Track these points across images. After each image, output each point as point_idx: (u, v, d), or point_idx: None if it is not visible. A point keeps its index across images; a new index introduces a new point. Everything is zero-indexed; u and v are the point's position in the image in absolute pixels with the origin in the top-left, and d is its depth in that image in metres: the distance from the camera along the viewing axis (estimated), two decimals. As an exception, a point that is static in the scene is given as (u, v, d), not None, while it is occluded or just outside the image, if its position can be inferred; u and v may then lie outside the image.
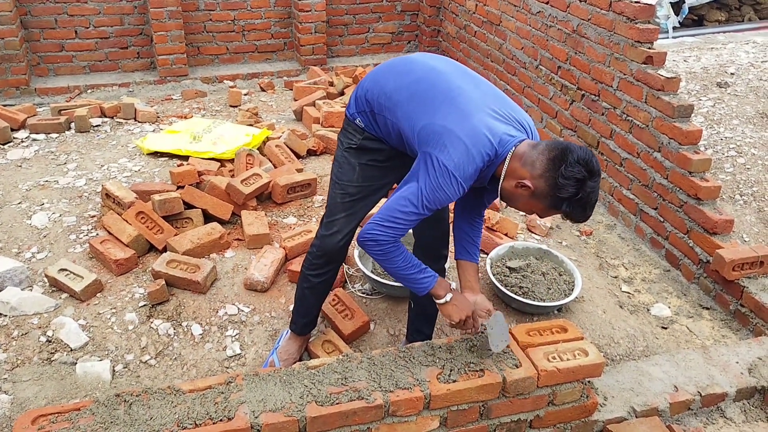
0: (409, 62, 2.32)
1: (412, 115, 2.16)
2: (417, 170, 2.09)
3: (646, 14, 3.68)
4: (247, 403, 2.05)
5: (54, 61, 5.73)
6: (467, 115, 2.07)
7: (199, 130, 4.46)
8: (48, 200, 3.75)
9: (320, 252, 2.54)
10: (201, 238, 3.30)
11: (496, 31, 5.28)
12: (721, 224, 3.30)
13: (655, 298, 3.37)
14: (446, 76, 2.20)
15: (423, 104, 2.14)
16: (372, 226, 2.13)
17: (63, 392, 2.59)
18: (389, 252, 2.16)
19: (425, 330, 2.82)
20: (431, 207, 2.08)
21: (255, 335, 2.91)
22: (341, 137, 2.47)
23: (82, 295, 2.99)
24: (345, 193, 2.44)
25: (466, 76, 2.26)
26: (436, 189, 2.04)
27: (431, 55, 2.38)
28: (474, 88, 2.19)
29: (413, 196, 2.07)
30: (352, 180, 2.42)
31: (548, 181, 1.97)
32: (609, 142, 4.01)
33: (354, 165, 2.41)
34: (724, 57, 5.28)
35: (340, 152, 2.46)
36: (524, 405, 2.34)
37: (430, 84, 2.18)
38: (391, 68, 2.34)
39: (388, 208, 2.12)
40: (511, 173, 2.07)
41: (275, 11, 6.20)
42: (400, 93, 2.22)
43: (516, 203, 2.16)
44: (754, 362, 2.80)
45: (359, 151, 2.40)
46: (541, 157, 1.99)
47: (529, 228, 3.79)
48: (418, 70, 2.25)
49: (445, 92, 2.14)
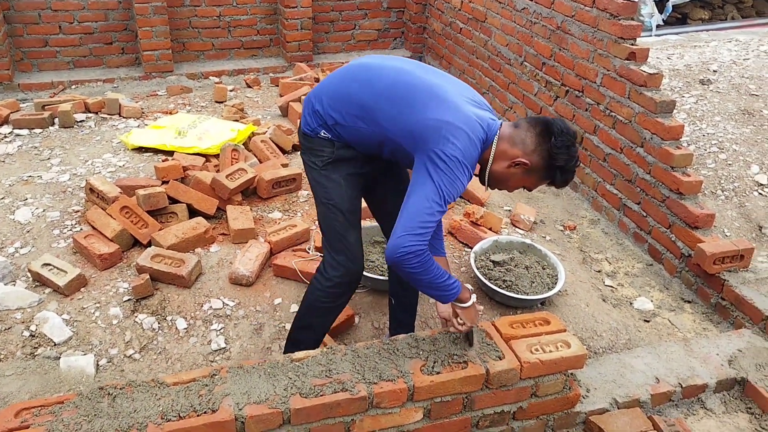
0: (368, 69, 2.27)
1: (399, 118, 2.14)
2: (425, 170, 2.06)
3: (629, 11, 3.71)
4: (232, 396, 2.06)
5: (37, 57, 5.68)
6: (457, 106, 2.12)
7: (185, 126, 4.45)
8: (31, 195, 3.72)
9: (345, 279, 2.45)
10: (186, 233, 3.30)
11: (482, 27, 5.30)
12: (703, 219, 3.34)
13: (637, 292, 3.41)
14: (417, 75, 2.22)
15: (409, 105, 2.13)
16: (404, 238, 2.02)
17: (46, 387, 2.58)
18: (426, 262, 2.07)
19: (408, 322, 2.84)
20: (450, 201, 2.09)
21: (240, 329, 2.92)
22: (310, 158, 2.37)
23: (65, 290, 2.98)
24: (341, 211, 2.37)
25: (432, 72, 2.28)
26: (454, 181, 2.05)
27: (385, 57, 2.39)
28: (445, 81, 2.24)
29: (434, 195, 2.03)
30: (342, 196, 2.36)
31: (542, 153, 2.11)
32: (593, 138, 4.04)
33: (338, 181, 2.34)
34: (707, 55, 5.33)
35: (317, 173, 2.36)
36: (507, 396, 2.36)
37: (408, 84, 2.17)
38: (351, 78, 2.27)
39: (413, 216, 2.03)
40: (500, 155, 2.16)
41: (261, 7, 6.18)
42: (377, 100, 2.18)
43: (507, 183, 2.24)
44: (734, 354, 2.84)
45: (336, 163, 2.33)
46: (530, 134, 2.13)
47: (513, 222, 3.82)
48: (386, 75, 2.22)
49: (427, 89, 2.16)
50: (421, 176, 2.06)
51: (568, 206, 4.16)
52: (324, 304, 2.51)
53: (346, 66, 2.37)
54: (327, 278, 2.46)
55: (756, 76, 4.79)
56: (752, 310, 3.04)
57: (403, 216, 2.05)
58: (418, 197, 2.04)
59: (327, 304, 2.51)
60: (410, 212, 2.04)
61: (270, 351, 2.83)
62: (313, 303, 2.53)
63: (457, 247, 3.55)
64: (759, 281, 3.19)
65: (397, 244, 2.02)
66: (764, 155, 4.02)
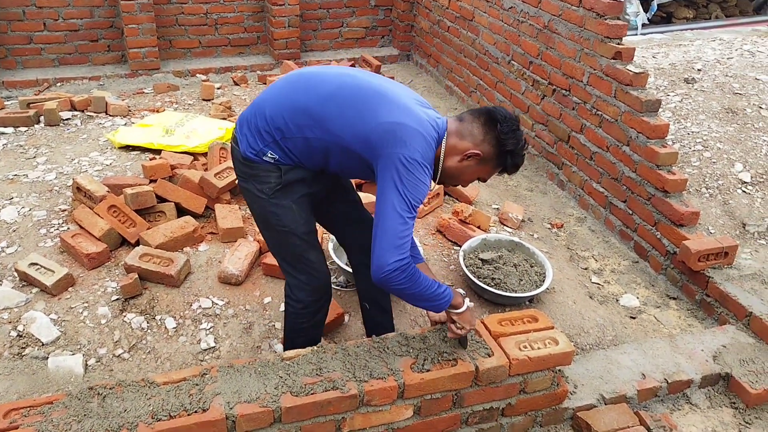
0: (309, 77, 2.22)
1: (352, 122, 2.10)
2: (388, 177, 2.03)
3: (615, 10, 3.74)
4: (222, 395, 2.06)
5: (22, 54, 5.63)
6: (408, 107, 2.13)
7: (172, 124, 4.43)
8: (17, 194, 3.69)
9: (315, 297, 2.43)
10: (174, 232, 3.29)
11: (469, 26, 5.32)
12: (688, 216, 3.38)
13: (623, 289, 3.45)
14: (361, 77, 2.21)
15: (359, 109, 2.10)
16: (385, 257, 2.00)
17: (34, 387, 2.56)
18: (413, 275, 2.06)
19: (388, 323, 2.81)
20: (418, 205, 2.08)
21: (229, 328, 2.91)
22: (255, 186, 2.25)
23: (53, 290, 2.96)
24: (297, 235, 2.30)
25: (374, 76, 2.27)
26: (417, 184, 2.04)
27: (323, 66, 2.37)
28: (390, 83, 2.24)
29: (402, 205, 2.01)
30: (297, 220, 2.28)
31: (491, 141, 2.15)
32: (579, 136, 4.08)
33: (289, 206, 2.26)
34: (691, 54, 5.39)
35: (265, 202, 2.25)
36: (496, 393, 2.38)
37: (354, 88, 2.15)
38: (292, 88, 2.20)
39: (388, 232, 2.01)
40: (451, 151, 2.19)
41: (248, 5, 6.16)
42: (325, 106, 2.12)
43: (462, 177, 2.25)
44: (719, 350, 2.88)
45: (286, 188, 2.24)
46: (475, 125, 2.17)
47: (501, 220, 3.84)
48: (329, 80, 2.19)
49: (373, 92, 2.14)
50: (386, 188, 2.03)
51: (556, 204, 4.19)
52: (304, 324, 2.50)
53: (282, 79, 2.28)
54: (297, 300, 2.44)
55: (739, 75, 4.85)
56: (736, 307, 3.08)
57: (378, 234, 2.03)
58: (388, 212, 2.02)
59: (306, 323, 2.50)
60: (384, 229, 2.02)
61: (260, 350, 2.83)
62: (293, 326, 2.52)
63: (446, 246, 3.57)
64: (743, 278, 3.24)
65: (381, 264, 2.01)
66: (747, 153, 4.07)
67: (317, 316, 2.51)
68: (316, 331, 2.56)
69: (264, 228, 2.38)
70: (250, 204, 2.35)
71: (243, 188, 2.33)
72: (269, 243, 2.43)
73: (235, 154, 2.29)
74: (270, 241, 2.41)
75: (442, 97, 5.76)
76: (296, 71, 2.31)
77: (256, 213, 2.35)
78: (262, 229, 2.39)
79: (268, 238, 2.40)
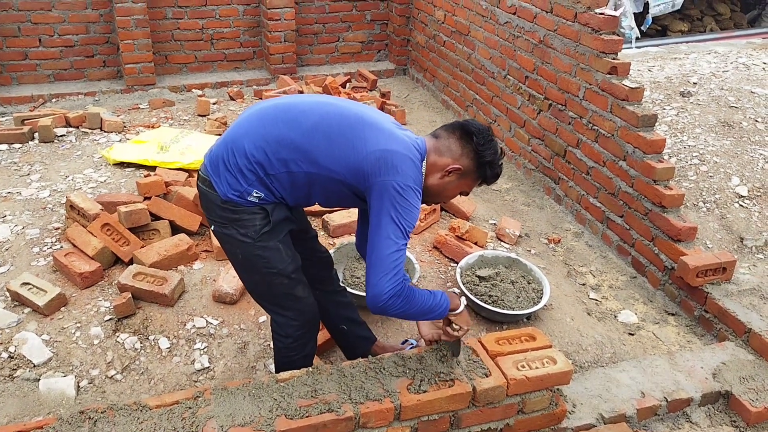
0: (287, 108, 2.16)
1: (342, 153, 2.08)
2: (382, 205, 2.04)
3: (611, 26, 3.75)
4: (216, 418, 2.03)
5: (17, 70, 5.62)
6: (391, 133, 2.14)
7: (167, 140, 4.41)
8: (10, 212, 3.66)
9: (303, 330, 2.39)
10: (168, 250, 3.26)
11: (465, 41, 5.33)
12: (685, 231, 3.36)
13: (622, 305, 3.42)
14: (341, 106, 2.20)
15: (347, 138, 2.09)
16: (381, 285, 2.01)
17: (26, 410, 2.53)
18: (408, 296, 2.07)
19: (369, 334, 2.80)
20: (411, 229, 2.10)
21: (224, 348, 2.88)
22: (238, 232, 2.15)
23: (45, 310, 2.93)
24: (285, 275, 2.26)
25: (350, 103, 2.27)
26: (410, 210, 2.07)
27: (291, 96, 2.33)
28: (368, 109, 2.25)
29: (394, 230, 2.03)
30: (284, 260, 2.24)
31: (470, 154, 2.18)
32: (576, 151, 4.07)
33: (275, 247, 2.21)
34: (686, 67, 5.40)
35: (250, 247, 2.17)
36: (494, 414, 2.35)
37: (337, 117, 2.13)
38: (270, 120, 2.13)
39: (383, 259, 2.02)
40: (432, 168, 2.20)
41: (244, 20, 6.17)
42: (310, 138, 2.08)
43: (444, 193, 2.26)
44: (718, 367, 2.86)
45: (274, 230, 2.19)
46: (451, 141, 2.20)
47: (498, 236, 3.82)
48: (309, 111, 2.14)
49: (357, 119, 2.14)
50: (380, 217, 2.04)
51: (552, 219, 4.17)
52: (294, 357, 2.45)
53: (253, 113, 2.18)
54: (286, 336, 2.40)
55: (735, 88, 4.86)
56: (735, 323, 3.06)
57: (373, 263, 2.04)
58: (382, 240, 2.03)
59: (297, 355, 2.46)
60: (380, 258, 2.02)
61: (255, 370, 2.80)
62: (284, 361, 2.46)
63: (443, 262, 3.54)
64: (741, 293, 3.22)
65: (377, 292, 2.02)
66: (744, 167, 4.06)
67: (307, 348, 2.47)
68: (308, 362, 2.51)
69: (247, 272, 2.30)
70: (230, 250, 2.26)
71: (222, 234, 2.22)
72: (252, 287, 2.36)
73: (211, 198, 2.16)
74: (253, 286, 2.35)
75: (439, 112, 5.76)
76: (266, 102, 2.25)
77: (240, 258, 2.24)
78: (245, 273, 2.31)
79: (252, 282, 2.33)
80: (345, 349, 2.81)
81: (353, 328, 2.75)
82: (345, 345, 2.81)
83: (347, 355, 2.81)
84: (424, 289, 2.24)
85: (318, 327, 2.50)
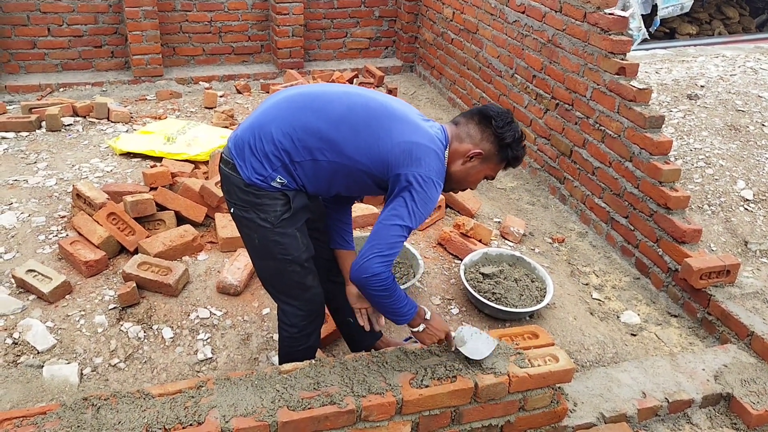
0: (315, 97, 2.17)
1: (367, 144, 2.10)
2: (399, 192, 2.08)
3: (620, 26, 3.74)
4: (218, 408, 2.04)
5: (25, 59, 5.63)
6: (416, 125, 2.16)
7: (174, 132, 4.42)
8: (17, 200, 3.68)
9: (309, 320, 2.40)
10: (173, 241, 3.27)
11: (473, 39, 5.32)
12: (690, 233, 3.36)
13: (624, 306, 3.42)
14: (367, 97, 2.21)
15: (373, 129, 2.11)
16: (371, 261, 2.04)
17: (29, 396, 2.54)
18: (390, 286, 2.12)
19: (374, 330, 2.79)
20: (423, 220, 2.13)
21: (227, 339, 2.89)
22: (258, 216, 2.16)
23: (50, 297, 2.94)
24: (299, 263, 2.27)
25: (376, 93, 2.28)
26: (427, 201, 2.09)
27: (319, 84, 2.33)
28: (394, 101, 2.26)
29: (405, 217, 2.06)
30: (300, 248, 2.25)
31: (490, 138, 2.19)
32: (582, 151, 4.06)
33: (293, 234, 2.22)
34: (694, 70, 5.39)
35: (269, 232, 2.18)
36: (495, 410, 2.35)
37: (363, 108, 2.15)
38: (298, 108, 2.14)
39: (382, 239, 2.05)
40: (454, 155, 2.22)
41: (252, 13, 6.17)
42: (338, 129, 2.10)
43: (468, 179, 2.27)
44: (720, 369, 2.86)
45: (293, 217, 2.20)
46: (470, 126, 2.22)
47: (502, 234, 3.82)
48: (336, 100, 2.16)
49: (383, 111, 2.15)
50: (396, 202, 2.08)
51: (557, 219, 4.17)
52: (299, 348, 2.47)
53: (281, 99, 2.19)
54: (292, 326, 2.41)
55: (742, 92, 4.84)
56: (738, 326, 3.06)
57: (373, 238, 2.07)
58: (390, 222, 2.07)
59: (302, 346, 2.47)
60: (380, 236, 2.07)
61: (257, 361, 2.81)
62: (288, 352, 2.48)
63: (447, 259, 3.55)
64: (744, 296, 3.22)
65: (365, 266, 2.06)
66: (750, 171, 4.06)
67: (311, 339, 2.48)
68: (311, 354, 2.53)
69: (262, 258, 2.30)
70: (247, 234, 2.26)
71: (241, 218, 2.22)
72: (264, 273, 2.36)
73: (234, 181, 2.16)
74: (265, 272, 2.35)
75: (445, 109, 5.76)
76: (293, 89, 2.25)
77: (256, 243, 2.25)
78: (259, 259, 2.32)
79: (265, 268, 2.33)
80: (350, 342, 2.82)
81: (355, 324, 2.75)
82: (350, 338, 2.81)
83: (351, 348, 2.81)
84: (405, 294, 2.24)
85: (323, 319, 2.51)
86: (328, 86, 2.30)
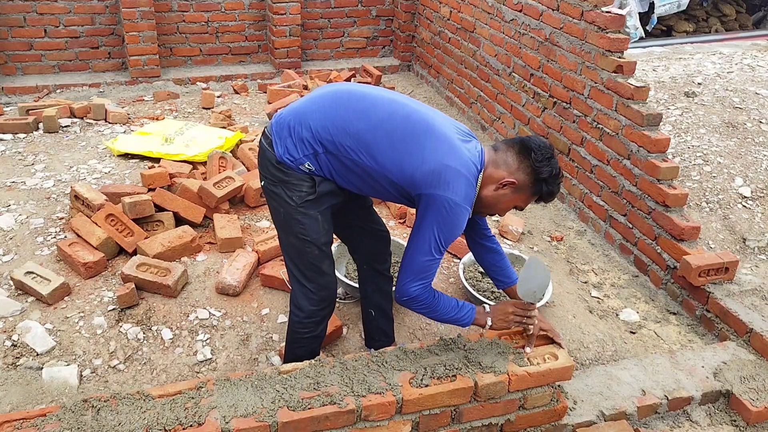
0: (360, 97, 2.22)
1: (399, 156, 2.13)
2: (426, 214, 2.12)
3: (617, 24, 3.74)
4: (218, 409, 2.04)
5: (22, 60, 5.63)
6: (453, 145, 2.15)
7: (171, 132, 4.42)
8: (14, 201, 3.67)
9: (320, 306, 2.44)
10: (172, 242, 3.27)
11: (470, 38, 5.32)
12: (688, 231, 3.37)
13: (623, 303, 3.43)
14: (410, 107, 2.22)
15: (407, 143, 2.13)
16: (408, 286, 2.19)
17: (28, 398, 2.53)
18: (431, 304, 2.24)
19: (391, 331, 2.87)
20: (449, 243, 2.18)
21: (226, 340, 2.89)
22: (284, 192, 2.24)
23: (49, 299, 2.94)
24: (317, 246, 2.32)
25: (419, 104, 2.28)
26: (453, 227, 2.15)
27: (364, 86, 2.36)
28: (434, 114, 2.25)
29: (435, 245, 2.14)
30: (319, 231, 2.30)
31: (526, 170, 2.19)
32: (580, 149, 4.07)
33: (315, 216, 2.28)
34: (691, 67, 5.39)
35: (293, 209, 2.25)
36: (495, 409, 2.36)
37: (403, 119, 2.16)
38: (343, 105, 2.19)
39: (415, 264, 2.17)
40: (488, 180, 2.22)
41: (249, 13, 6.17)
42: (374, 134, 2.14)
43: (498, 206, 2.28)
44: (719, 366, 2.86)
45: (316, 200, 2.26)
46: (510, 154, 2.21)
47: (501, 233, 3.82)
48: (379, 105, 2.19)
49: (422, 124, 2.16)
50: (423, 226, 2.14)
51: (555, 217, 4.18)
52: (306, 334, 2.50)
53: (328, 92, 2.26)
54: (302, 310, 2.44)
55: (740, 89, 4.85)
56: (737, 323, 3.06)
57: (407, 263, 2.19)
58: (420, 246, 2.15)
59: (308, 333, 2.50)
60: (413, 261, 2.18)
61: (257, 362, 2.81)
62: (294, 336, 2.52)
63: (446, 258, 3.55)
64: (743, 293, 3.22)
65: (403, 291, 2.21)
66: (748, 168, 4.06)
67: (319, 327, 2.51)
68: (316, 343, 2.55)
69: (285, 232, 2.37)
70: (274, 207, 2.34)
71: (270, 191, 2.31)
72: (286, 248, 2.41)
73: (268, 155, 2.25)
74: (287, 246, 2.40)
75: (443, 108, 5.76)
76: (341, 85, 2.32)
77: (282, 216, 2.32)
78: (282, 232, 2.38)
79: (287, 243, 2.39)
80: (366, 331, 2.91)
81: (379, 319, 2.81)
82: (366, 329, 2.90)
83: (366, 337, 2.91)
84: (453, 299, 2.31)
85: (332, 309, 2.53)
86: (377, 90, 2.32)
